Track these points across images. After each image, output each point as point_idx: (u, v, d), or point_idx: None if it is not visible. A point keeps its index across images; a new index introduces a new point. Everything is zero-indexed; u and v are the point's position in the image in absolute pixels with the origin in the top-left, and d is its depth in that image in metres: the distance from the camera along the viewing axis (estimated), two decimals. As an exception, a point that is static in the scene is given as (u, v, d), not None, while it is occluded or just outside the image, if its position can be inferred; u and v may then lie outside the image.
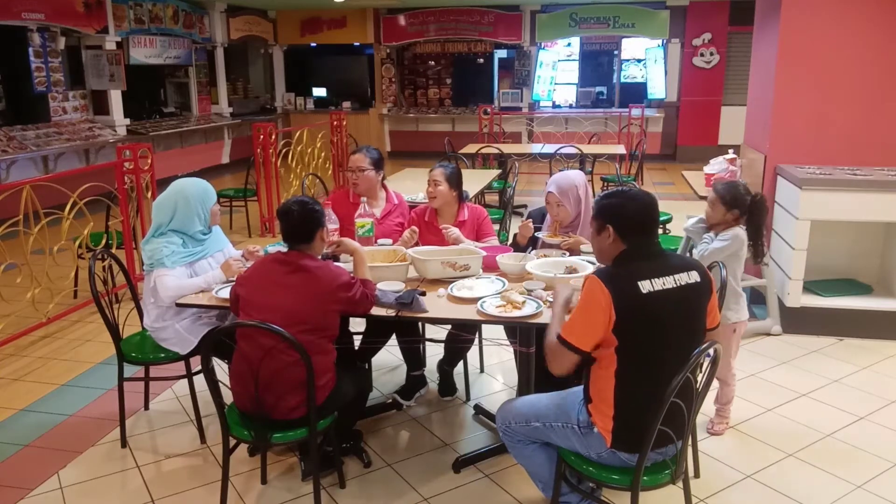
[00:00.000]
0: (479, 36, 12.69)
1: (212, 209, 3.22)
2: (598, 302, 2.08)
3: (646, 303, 2.07)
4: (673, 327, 2.12)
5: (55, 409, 3.59)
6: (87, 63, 9.04)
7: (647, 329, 2.10)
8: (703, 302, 2.21)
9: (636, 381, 2.12)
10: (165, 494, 2.86)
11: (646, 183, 9.64)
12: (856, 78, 4.52)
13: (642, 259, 2.16)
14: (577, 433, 2.23)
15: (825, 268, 4.61)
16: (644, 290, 2.08)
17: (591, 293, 2.10)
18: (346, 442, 3.05)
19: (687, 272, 2.16)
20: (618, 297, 2.06)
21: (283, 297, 2.53)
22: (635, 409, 2.12)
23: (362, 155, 3.74)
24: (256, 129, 7.15)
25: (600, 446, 2.18)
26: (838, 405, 3.53)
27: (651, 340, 2.11)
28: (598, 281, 2.10)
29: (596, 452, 2.20)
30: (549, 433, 2.32)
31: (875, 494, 2.80)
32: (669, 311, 2.11)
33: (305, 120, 11.75)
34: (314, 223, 2.66)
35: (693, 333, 2.18)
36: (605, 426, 2.16)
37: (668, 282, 2.12)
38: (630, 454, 2.14)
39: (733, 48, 11.62)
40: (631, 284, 2.09)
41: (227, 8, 11.63)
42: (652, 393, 2.07)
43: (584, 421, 2.22)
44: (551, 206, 3.39)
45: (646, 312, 2.08)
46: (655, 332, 2.11)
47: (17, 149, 7.60)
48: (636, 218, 2.18)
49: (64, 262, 4.97)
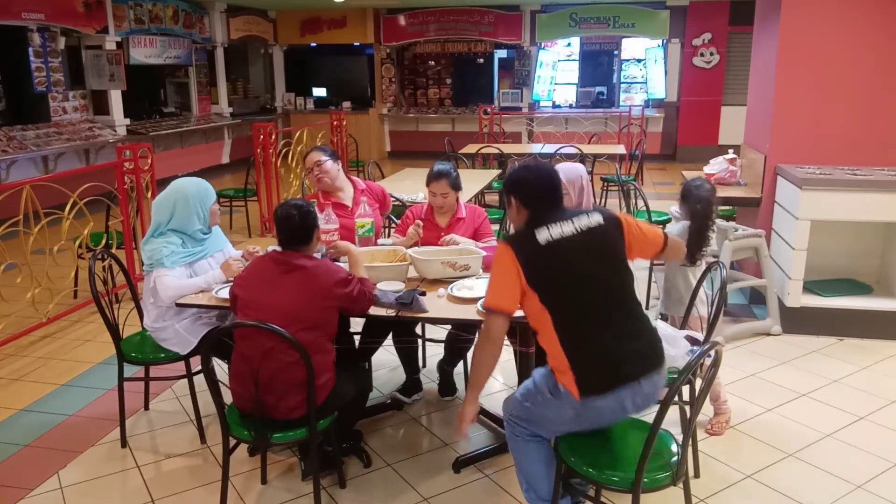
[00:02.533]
0: (479, 36, 12.69)
1: (211, 209, 3.21)
2: (503, 261, 2.22)
3: (548, 250, 2.20)
4: (586, 267, 2.21)
5: (55, 409, 3.59)
6: (87, 63, 9.04)
7: (558, 274, 2.20)
8: (616, 238, 2.30)
9: (573, 325, 2.20)
10: (165, 494, 2.86)
11: (646, 183, 9.64)
12: (856, 78, 4.52)
13: (542, 221, 2.26)
14: (553, 400, 2.24)
15: (825, 268, 4.61)
16: (542, 239, 2.20)
17: (496, 258, 2.25)
18: (347, 442, 3.05)
19: (587, 216, 2.29)
20: (518, 249, 2.21)
21: (280, 295, 2.53)
22: (584, 351, 2.19)
23: (315, 152, 3.78)
24: (256, 129, 7.15)
25: (572, 404, 2.19)
26: (838, 405, 3.53)
27: (568, 284, 2.20)
28: (500, 243, 2.29)
29: (576, 415, 2.21)
30: (537, 412, 2.30)
31: (875, 494, 2.81)
32: (576, 252, 2.21)
33: (305, 120, 11.74)
34: (313, 224, 2.68)
35: (615, 267, 2.28)
36: (568, 382, 2.18)
37: (567, 228, 2.23)
38: (602, 395, 2.16)
39: (733, 48, 11.62)
40: (529, 236, 2.23)
41: (227, 8, 11.63)
42: (592, 332, 2.19)
43: (552, 384, 2.25)
44: None
45: (552, 259, 2.20)
46: (569, 275, 2.21)
47: (17, 149, 7.60)
48: (534, 187, 2.32)
49: (64, 262, 4.97)
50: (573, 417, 2.23)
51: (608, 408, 2.18)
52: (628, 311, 2.27)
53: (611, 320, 2.21)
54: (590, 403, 2.17)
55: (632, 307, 2.28)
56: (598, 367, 2.17)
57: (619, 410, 2.20)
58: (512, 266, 2.19)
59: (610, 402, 2.16)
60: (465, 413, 2.33)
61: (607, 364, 2.17)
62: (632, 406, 2.21)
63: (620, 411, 2.20)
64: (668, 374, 2.80)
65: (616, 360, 2.18)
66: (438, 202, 3.56)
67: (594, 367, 2.18)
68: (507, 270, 2.20)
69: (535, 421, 2.33)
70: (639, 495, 2.11)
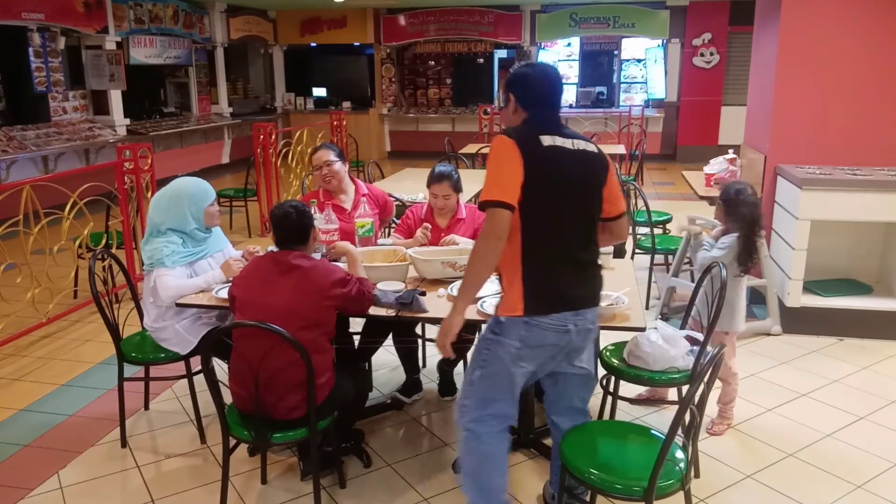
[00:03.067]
0: (479, 36, 12.69)
1: (208, 210, 3.18)
2: (508, 154, 2.12)
3: (547, 154, 2.15)
4: (576, 186, 2.20)
5: (55, 409, 3.59)
6: (87, 63, 9.04)
7: (549, 182, 2.16)
8: (601, 174, 2.28)
9: (543, 240, 2.18)
10: (165, 494, 2.86)
11: (646, 183, 9.64)
12: (856, 78, 4.52)
13: (543, 126, 2.22)
14: (497, 338, 2.22)
15: (825, 268, 4.61)
16: (545, 143, 2.16)
17: (498, 149, 2.15)
18: (347, 441, 3.05)
19: (584, 141, 2.26)
20: (522, 145, 2.13)
21: (278, 296, 2.53)
22: (541, 268, 2.18)
23: (325, 150, 3.69)
24: (256, 129, 7.16)
25: (517, 327, 2.18)
26: (838, 405, 3.53)
27: (552, 195, 2.17)
28: (502, 136, 2.16)
29: (521, 340, 2.18)
30: (488, 366, 2.25)
31: (875, 494, 2.81)
32: (568, 167, 2.19)
33: (305, 120, 11.74)
34: (310, 224, 2.69)
35: (595, 199, 2.27)
36: (515, 299, 2.17)
37: (567, 143, 2.20)
38: (547, 316, 2.16)
39: (733, 48, 11.61)
40: (533, 137, 2.17)
41: (227, 8, 11.62)
42: (558, 253, 2.19)
43: (493, 325, 2.24)
44: None
45: (548, 163, 2.15)
46: (556, 187, 2.17)
47: (17, 149, 7.60)
48: (536, 87, 2.25)
49: (64, 262, 4.97)
50: (520, 346, 2.19)
51: (552, 327, 2.18)
52: (592, 243, 2.29)
53: (578, 245, 2.23)
54: (534, 321, 2.17)
55: (595, 242, 2.30)
56: (550, 290, 2.18)
57: (562, 333, 2.20)
58: (518, 160, 2.11)
59: (554, 320, 2.18)
60: (451, 323, 2.17)
61: (560, 289, 2.19)
62: (574, 330, 2.21)
63: (564, 334, 2.21)
64: (669, 374, 2.83)
65: (568, 288, 2.20)
66: (440, 204, 3.55)
67: (547, 288, 2.18)
68: (513, 163, 2.11)
69: (489, 382, 2.25)
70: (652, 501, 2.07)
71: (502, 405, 2.30)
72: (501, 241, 2.10)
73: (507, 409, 2.31)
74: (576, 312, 2.22)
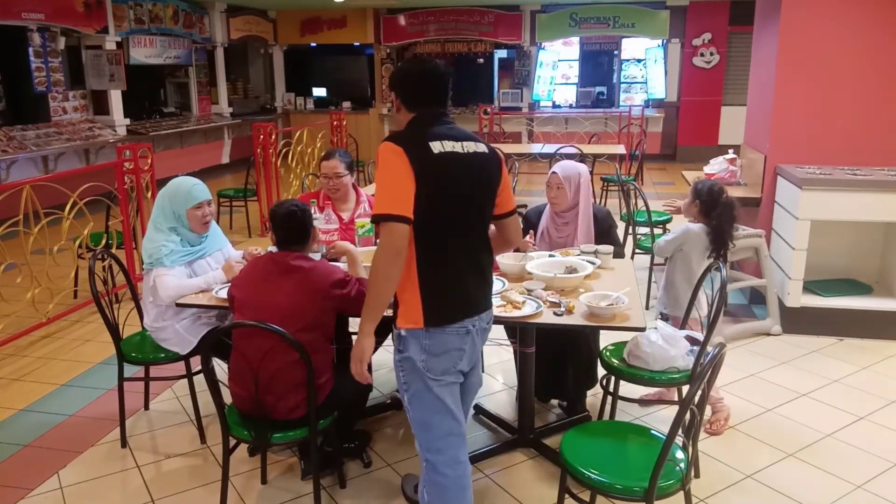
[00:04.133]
0: (479, 36, 12.69)
1: (191, 213, 3.10)
2: (396, 163, 2.02)
3: (438, 162, 2.06)
4: (463, 190, 2.13)
5: (55, 409, 3.59)
6: (87, 63, 9.04)
7: (441, 190, 2.07)
8: (494, 174, 2.23)
9: (435, 249, 2.10)
10: (165, 494, 2.86)
11: (646, 183, 9.64)
12: (856, 78, 4.52)
13: (431, 125, 2.14)
14: (404, 358, 2.14)
15: (825, 268, 4.61)
16: (435, 151, 2.06)
17: (386, 158, 2.03)
18: (352, 442, 3.04)
19: (475, 142, 2.19)
20: (411, 153, 2.02)
21: (277, 296, 2.53)
22: (438, 278, 2.11)
23: (337, 160, 3.57)
24: (256, 129, 7.15)
25: (419, 338, 2.11)
26: (838, 405, 3.53)
27: (445, 203, 2.09)
28: (388, 144, 2.05)
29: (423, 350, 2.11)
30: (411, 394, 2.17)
31: (875, 494, 2.81)
32: (461, 173, 2.11)
33: (305, 120, 11.74)
34: (310, 223, 2.69)
35: (488, 201, 2.23)
36: (414, 309, 2.09)
37: (457, 147, 2.12)
38: (446, 326, 2.11)
39: (733, 48, 11.62)
40: (422, 143, 2.07)
41: (227, 8, 11.62)
42: (451, 261, 2.13)
43: (397, 341, 2.16)
44: (551, 188, 3.43)
45: (439, 171, 2.06)
46: (449, 195, 2.10)
47: (17, 149, 7.60)
48: (419, 85, 2.18)
49: (64, 262, 4.97)
50: (425, 358, 2.11)
51: (453, 331, 2.13)
52: (486, 243, 2.26)
53: (475, 250, 2.20)
54: (434, 333, 2.11)
55: (487, 240, 2.27)
56: (448, 300, 2.13)
57: (464, 335, 2.15)
58: (407, 170, 2.00)
59: (455, 327, 2.13)
60: (361, 349, 2.09)
61: (458, 297, 2.14)
62: (474, 330, 2.17)
63: (465, 336, 2.15)
64: (668, 375, 2.83)
65: (467, 294, 2.16)
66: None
67: (445, 298, 2.12)
68: (403, 173, 2.00)
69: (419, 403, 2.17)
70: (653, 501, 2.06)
71: (444, 422, 2.18)
72: (401, 256, 2.01)
73: (450, 426, 2.19)
74: (473, 317, 2.17)
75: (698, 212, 3.36)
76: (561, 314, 2.65)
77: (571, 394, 3.40)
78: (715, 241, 3.30)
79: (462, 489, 2.22)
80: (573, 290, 2.89)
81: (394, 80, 2.22)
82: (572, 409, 3.41)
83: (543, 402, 3.53)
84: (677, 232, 3.37)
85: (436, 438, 2.19)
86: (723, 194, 3.34)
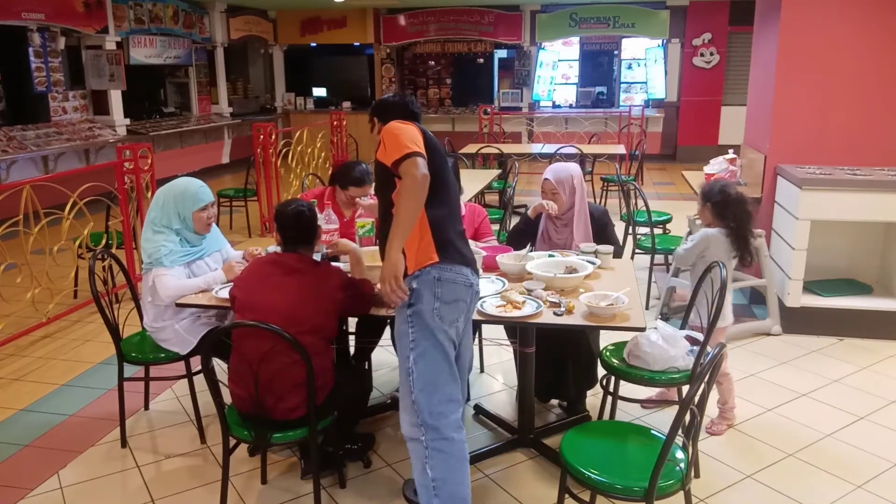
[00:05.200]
0: (479, 36, 12.69)
1: (197, 215, 3.10)
2: (409, 125, 2.30)
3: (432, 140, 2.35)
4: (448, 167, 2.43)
5: (55, 409, 3.59)
6: (87, 63, 9.04)
7: (440, 156, 2.35)
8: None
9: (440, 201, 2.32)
10: (165, 494, 2.86)
11: (646, 183, 9.64)
12: (856, 78, 4.52)
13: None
14: (415, 311, 2.28)
15: (825, 268, 4.61)
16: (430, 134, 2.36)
17: (398, 125, 2.29)
18: (355, 444, 3.04)
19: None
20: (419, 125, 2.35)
21: (280, 298, 2.52)
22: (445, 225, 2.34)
23: (367, 187, 3.50)
24: (256, 129, 7.15)
25: (431, 275, 2.27)
26: (838, 405, 3.53)
27: (443, 167, 2.36)
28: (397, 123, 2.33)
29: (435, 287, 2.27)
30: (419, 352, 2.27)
31: (875, 494, 2.80)
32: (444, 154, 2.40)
33: (305, 120, 11.75)
34: (316, 224, 2.68)
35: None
36: (428, 248, 2.29)
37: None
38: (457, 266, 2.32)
39: (733, 48, 11.62)
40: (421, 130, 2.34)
41: (227, 8, 11.63)
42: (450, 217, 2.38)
43: (409, 296, 2.27)
44: (546, 194, 3.44)
45: (434, 144, 2.34)
46: (445, 163, 2.39)
47: (17, 149, 7.60)
48: (394, 108, 2.48)
49: (64, 262, 4.97)
50: (437, 305, 2.26)
51: (461, 280, 2.32)
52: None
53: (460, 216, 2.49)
54: (446, 270, 2.28)
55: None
56: (455, 245, 2.35)
57: (468, 287, 2.34)
58: (419, 132, 2.28)
59: (462, 273, 2.32)
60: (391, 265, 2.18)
61: (462, 247, 2.39)
62: (475, 285, 2.39)
63: (469, 288, 2.35)
64: (668, 375, 2.83)
65: (466, 249, 2.41)
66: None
67: (453, 244, 2.34)
68: (416, 131, 2.28)
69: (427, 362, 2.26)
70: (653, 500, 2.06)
71: (448, 385, 2.30)
72: (427, 181, 2.18)
73: (454, 391, 2.32)
74: (473, 272, 2.39)
75: (712, 215, 3.28)
76: (561, 314, 2.65)
77: (571, 394, 3.40)
78: (737, 241, 3.22)
79: (465, 460, 2.33)
80: (573, 290, 2.89)
81: (374, 109, 2.55)
82: (572, 409, 3.41)
83: (543, 402, 3.53)
84: (696, 239, 3.29)
85: (440, 402, 2.29)
86: (732, 191, 3.29)
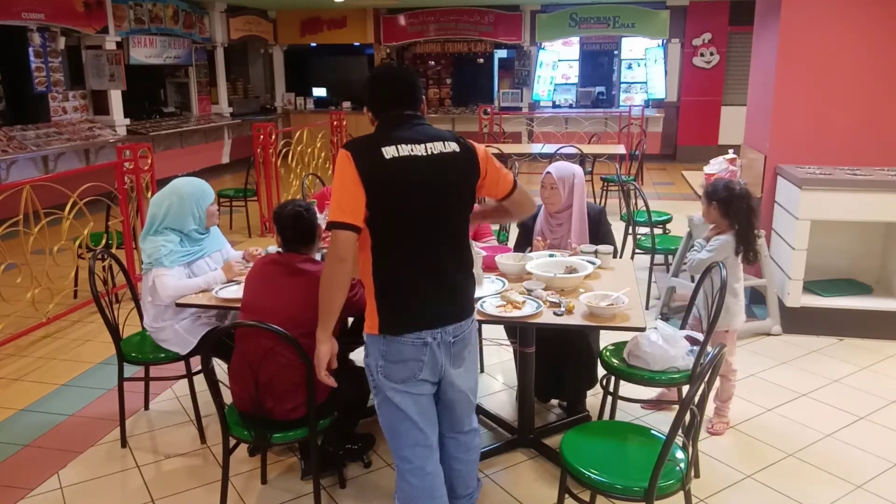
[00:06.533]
0: (479, 36, 12.69)
1: (209, 210, 3.19)
2: (344, 171, 2.03)
3: (390, 165, 2.03)
4: (421, 195, 2.08)
5: (55, 409, 3.59)
6: (87, 63, 9.04)
7: (392, 195, 2.05)
8: (466, 171, 2.17)
9: (390, 255, 2.09)
10: (165, 494, 2.86)
11: (646, 183, 9.64)
12: (856, 78, 4.52)
13: (392, 128, 2.13)
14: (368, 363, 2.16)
15: (825, 268, 4.61)
16: (388, 156, 2.04)
17: (338, 166, 2.06)
18: (355, 444, 3.04)
19: (443, 142, 2.13)
20: (359, 160, 2.03)
21: (282, 299, 2.52)
22: (394, 285, 2.10)
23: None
24: (256, 129, 7.15)
25: (378, 343, 2.12)
26: (838, 405, 3.53)
27: (400, 208, 2.07)
28: (342, 151, 2.07)
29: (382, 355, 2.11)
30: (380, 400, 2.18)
31: (875, 494, 2.80)
32: (420, 176, 2.07)
33: (305, 120, 11.75)
34: (315, 224, 2.67)
35: (455, 200, 2.16)
36: (372, 314, 2.11)
37: (418, 149, 2.08)
38: (401, 335, 2.09)
39: (733, 48, 11.62)
40: (374, 148, 2.06)
41: (227, 8, 11.62)
42: (409, 268, 2.09)
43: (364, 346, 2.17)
44: (545, 188, 3.46)
45: (389, 176, 2.04)
46: (404, 200, 2.06)
47: (17, 149, 7.60)
48: (379, 89, 2.21)
49: (64, 262, 4.97)
50: (383, 364, 2.12)
51: (409, 342, 2.09)
52: (456, 249, 2.20)
53: (435, 253, 2.12)
54: (391, 340, 2.10)
55: (461, 246, 2.21)
56: (403, 308, 2.10)
57: (420, 346, 2.10)
58: (355, 177, 2.01)
59: (411, 338, 2.09)
60: (318, 355, 2.14)
61: (415, 307, 2.10)
62: (434, 343, 2.11)
63: (423, 347, 2.10)
64: (668, 374, 2.83)
65: (426, 305, 2.11)
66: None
67: (400, 307, 2.10)
68: (350, 179, 2.02)
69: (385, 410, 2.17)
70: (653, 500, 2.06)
71: (410, 432, 2.16)
72: (345, 263, 2.03)
73: (416, 437, 2.17)
74: (434, 329, 2.11)
75: (718, 212, 3.24)
76: (561, 314, 2.65)
77: (571, 394, 3.40)
78: (741, 238, 3.19)
79: (430, 498, 2.21)
80: (573, 290, 2.89)
81: (363, 94, 2.24)
82: (572, 409, 3.41)
83: (543, 402, 3.53)
84: (714, 246, 3.22)
85: (401, 447, 2.19)
86: (737, 186, 3.25)
